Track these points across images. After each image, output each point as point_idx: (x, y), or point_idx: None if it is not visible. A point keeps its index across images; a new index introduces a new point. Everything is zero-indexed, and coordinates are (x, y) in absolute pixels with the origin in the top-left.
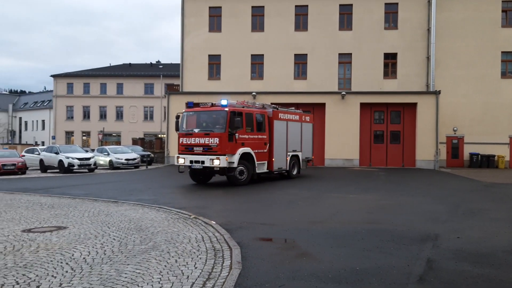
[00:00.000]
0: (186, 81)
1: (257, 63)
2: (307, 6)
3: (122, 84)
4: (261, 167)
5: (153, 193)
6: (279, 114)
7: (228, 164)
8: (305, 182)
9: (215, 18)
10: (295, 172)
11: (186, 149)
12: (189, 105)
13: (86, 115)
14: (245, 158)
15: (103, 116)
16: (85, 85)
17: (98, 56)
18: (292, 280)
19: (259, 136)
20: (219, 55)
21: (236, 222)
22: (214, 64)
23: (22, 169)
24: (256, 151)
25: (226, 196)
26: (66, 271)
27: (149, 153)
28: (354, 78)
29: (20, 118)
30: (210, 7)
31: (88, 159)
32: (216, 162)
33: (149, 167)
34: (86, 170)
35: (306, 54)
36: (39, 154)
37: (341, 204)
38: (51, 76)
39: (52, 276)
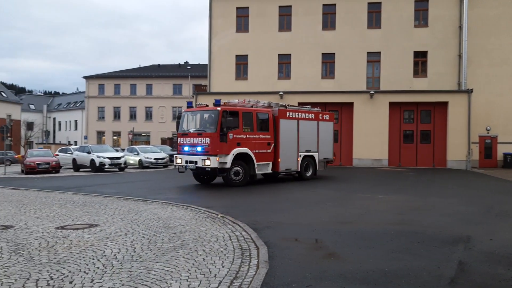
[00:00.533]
0: (214, 81)
1: (284, 63)
2: (335, 5)
3: (151, 84)
4: (264, 168)
5: (181, 192)
6: (287, 113)
7: (219, 164)
8: (331, 183)
9: (242, 19)
10: (309, 173)
11: (183, 149)
12: (188, 105)
13: (117, 115)
14: (242, 159)
15: (133, 116)
16: (116, 86)
17: (129, 58)
18: (320, 281)
19: (261, 136)
20: (246, 55)
21: (263, 221)
22: (241, 64)
23: (56, 168)
24: (257, 151)
25: (253, 195)
26: (98, 268)
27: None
28: (383, 77)
29: (54, 119)
30: (237, 8)
31: (119, 158)
32: (207, 163)
33: None
34: (117, 169)
35: (334, 53)
36: (72, 153)
37: (370, 205)
38: (83, 77)
39: (84, 272)
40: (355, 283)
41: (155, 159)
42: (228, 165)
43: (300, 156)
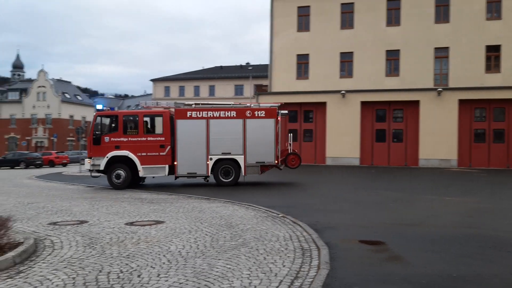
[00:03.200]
0: (275, 81)
1: (346, 61)
2: (399, 0)
3: (214, 86)
4: (157, 171)
5: (242, 191)
6: (188, 112)
7: (91, 167)
8: (394, 183)
9: (303, 18)
10: (230, 179)
11: None
12: (100, 108)
13: None
14: (124, 162)
15: None
16: (181, 88)
17: (193, 61)
18: (382, 284)
19: (150, 139)
20: (307, 55)
21: (324, 222)
22: (302, 63)
23: None
24: (143, 154)
25: (313, 196)
26: (163, 263)
27: None
28: (452, 73)
29: None
30: (298, 7)
31: None
32: (85, 165)
33: None
34: None
35: (399, 50)
36: None
37: (437, 207)
38: (151, 80)
39: (151, 267)
40: None
41: None
42: (101, 167)
43: (211, 159)
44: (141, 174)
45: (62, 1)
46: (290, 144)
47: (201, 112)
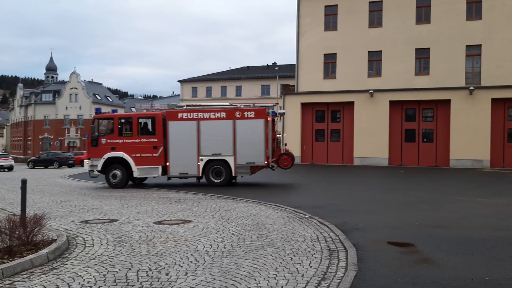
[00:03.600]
0: (302, 81)
1: (374, 60)
2: None
3: (241, 86)
4: (151, 172)
5: (269, 191)
6: (179, 114)
7: (90, 167)
8: (424, 184)
9: (330, 17)
10: (220, 180)
11: None
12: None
13: None
14: (121, 162)
15: None
16: (208, 88)
17: (220, 62)
18: (412, 287)
19: (143, 140)
20: (335, 54)
21: (352, 223)
22: (330, 63)
23: None
24: (137, 155)
25: (341, 196)
26: (191, 262)
27: None
28: (484, 71)
29: None
30: (325, 6)
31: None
32: (84, 166)
33: None
34: None
35: (429, 48)
36: None
37: (468, 209)
38: (178, 81)
39: (179, 265)
40: None
41: None
42: (99, 168)
43: (202, 160)
44: (135, 174)
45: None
46: (285, 144)
47: (191, 114)
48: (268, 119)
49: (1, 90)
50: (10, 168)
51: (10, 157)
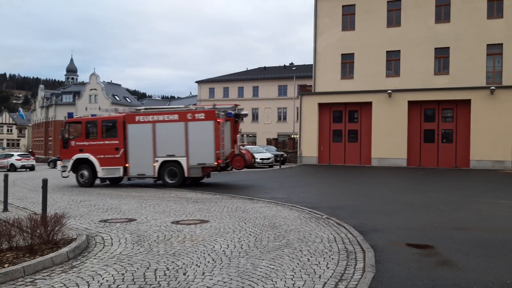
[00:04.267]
0: (319, 81)
1: (393, 60)
2: None
3: (258, 87)
4: (113, 172)
5: (286, 192)
6: (136, 117)
7: (61, 168)
8: (444, 185)
9: (348, 17)
10: (174, 180)
11: None
12: (70, 115)
13: None
14: (88, 163)
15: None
16: (225, 89)
17: (237, 63)
18: None
19: (106, 142)
20: (352, 54)
21: (369, 224)
22: (347, 63)
23: None
24: (101, 156)
25: (358, 197)
26: (208, 262)
27: (282, 153)
28: (506, 71)
29: None
30: (343, 6)
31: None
32: (57, 167)
33: (282, 166)
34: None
35: (448, 47)
36: None
37: (490, 210)
38: (196, 82)
39: (196, 265)
40: None
41: (261, 159)
42: (69, 169)
43: (157, 161)
44: (99, 174)
45: (115, 7)
46: (241, 145)
47: (147, 117)
48: (219, 120)
49: (24, 91)
50: (32, 168)
51: (32, 157)
